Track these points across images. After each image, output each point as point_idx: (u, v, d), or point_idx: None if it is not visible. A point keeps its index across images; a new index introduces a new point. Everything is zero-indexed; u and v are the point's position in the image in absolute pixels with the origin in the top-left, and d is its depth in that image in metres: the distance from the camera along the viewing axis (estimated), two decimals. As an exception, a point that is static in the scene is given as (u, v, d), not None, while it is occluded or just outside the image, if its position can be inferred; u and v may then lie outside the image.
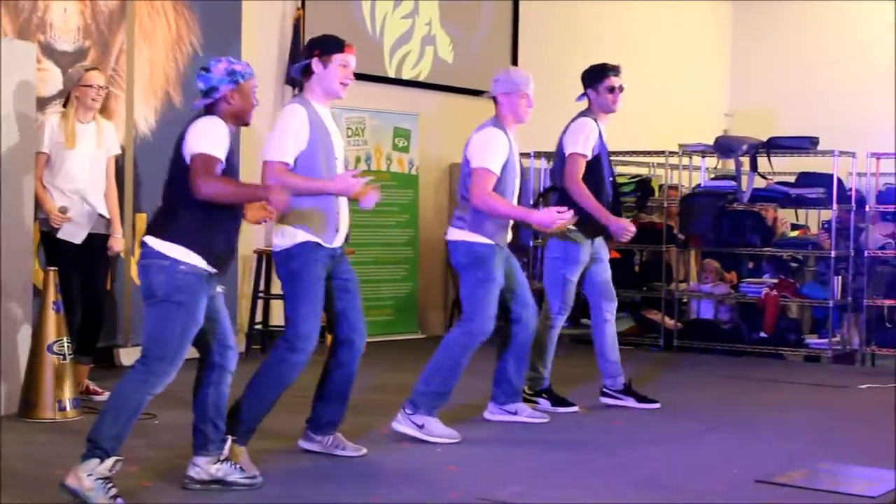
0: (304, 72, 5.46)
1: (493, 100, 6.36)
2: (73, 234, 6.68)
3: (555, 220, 6.13)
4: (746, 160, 9.91)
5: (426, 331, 10.77)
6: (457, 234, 6.23)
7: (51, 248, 6.69)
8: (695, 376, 8.73)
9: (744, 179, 9.96)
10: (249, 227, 7.20)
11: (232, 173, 4.78)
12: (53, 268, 6.49)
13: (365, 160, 10.25)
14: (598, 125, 6.92)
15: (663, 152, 10.77)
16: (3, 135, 6.43)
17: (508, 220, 6.23)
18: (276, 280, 7.23)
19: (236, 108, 4.82)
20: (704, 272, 10.34)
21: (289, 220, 5.30)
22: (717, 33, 15.31)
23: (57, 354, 6.36)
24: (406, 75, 11.04)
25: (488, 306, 6.14)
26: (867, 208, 9.91)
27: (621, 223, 6.85)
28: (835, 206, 9.67)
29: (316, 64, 5.39)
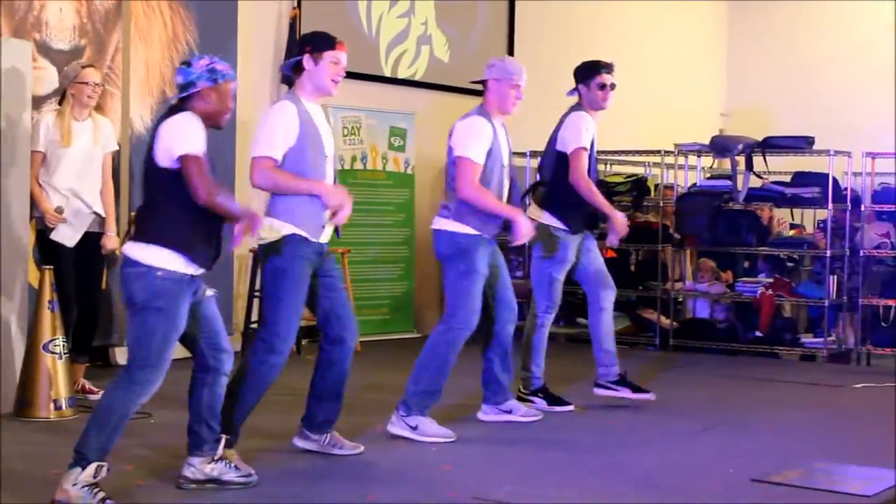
0: (294, 68, 5.42)
1: (482, 85, 6.27)
2: (67, 236, 6.65)
3: (529, 234, 6.12)
4: (742, 159, 9.92)
5: (422, 330, 10.75)
6: (441, 223, 6.15)
7: (46, 247, 6.67)
8: (690, 375, 8.73)
9: (739, 179, 9.97)
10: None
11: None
12: (49, 266, 6.47)
13: (361, 159, 10.23)
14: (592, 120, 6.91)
15: (659, 151, 10.79)
16: (0, 133, 6.45)
17: (501, 200, 6.15)
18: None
19: (211, 108, 4.73)
20: (700, 271, 10.34)
21: (276, 213, 5.28)
22: (713, 33, 15.32)
23: (52, 353, 6.35)
24: (402, 74, 11.03)
25: (472, 299, 6.04)
26: (862, 208, 9.92)
27: (623, 217, 6.90)
28: (830, 206, 9.68)
29: (307, 61, 5.35)
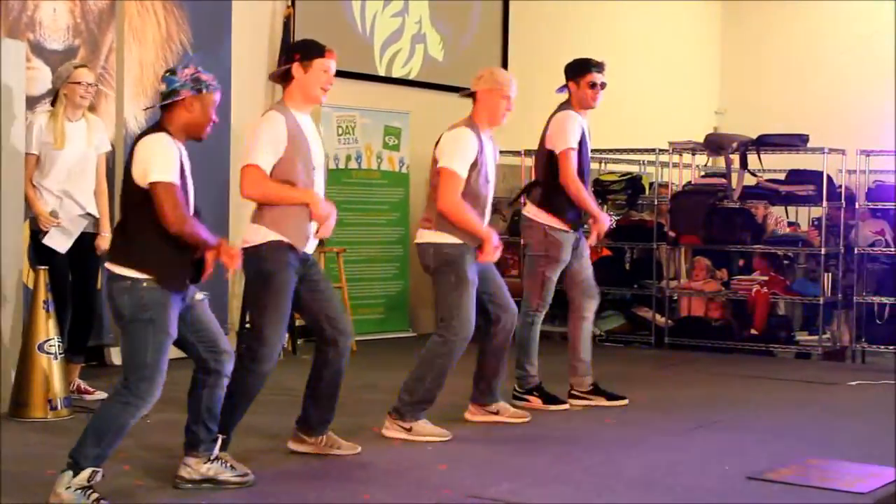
0: (283, 77, 5.36)
1: (472, 97, 6.22)
2: (60, 241, 6.63)
3: (490, 257, 6.04)
4: (736, 157, 9.93)
5: (417, 329, 10.75)
6: (424, 235, 6.10)
7: (41, 248, 6.64)
8: (685, 373, 8.73)
9: (734, 177, 9.98)
10: (241, 226, 7.18)
11: (184, 191, 4.66)
12: (43, 267, 6.46)
13: (355, 159, 10.23)
14: (581, 118, 6.89)
15: (654, 150, 10.80)
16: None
17: (484, 215, 6.12)
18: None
19: (193, 119, 4.68)
20: (695, 269, 10.35)
21: (263, 219, 5.24)
22: (708, 31, 15.34)
23: (48, 353, 6.34)
24: (396, 74, 11.03)
25: (465, 310, 5.98)
26: (857, 205, 9.93)
27: (608, 221, 6.92)
28: (825, 203, 9.70)
29: (296, 69, 5.29)
